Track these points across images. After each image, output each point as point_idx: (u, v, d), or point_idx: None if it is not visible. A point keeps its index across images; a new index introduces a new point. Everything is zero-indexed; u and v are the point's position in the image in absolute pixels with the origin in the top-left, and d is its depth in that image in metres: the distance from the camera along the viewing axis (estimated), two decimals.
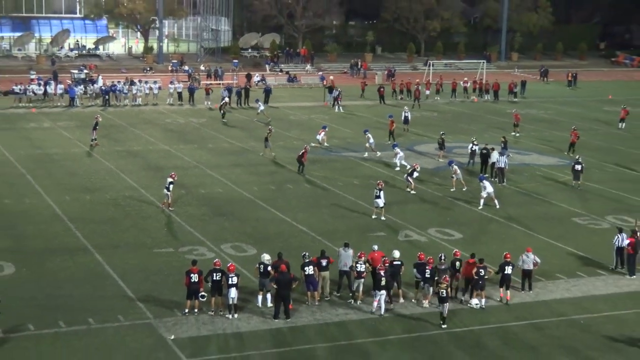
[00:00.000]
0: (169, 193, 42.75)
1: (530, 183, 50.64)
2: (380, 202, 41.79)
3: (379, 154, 55.96)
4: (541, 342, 29.03)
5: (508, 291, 32.38)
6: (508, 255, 32.76)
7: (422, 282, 31.82)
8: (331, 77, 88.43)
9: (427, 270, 31.50)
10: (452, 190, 47.45)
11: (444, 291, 30.09)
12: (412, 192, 46.99)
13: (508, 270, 32.24)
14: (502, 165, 49.79)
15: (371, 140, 56.36)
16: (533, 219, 43.16)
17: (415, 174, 47.24)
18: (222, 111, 69.35)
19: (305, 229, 40.43)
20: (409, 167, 50.21)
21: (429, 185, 49.03)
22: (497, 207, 44.24)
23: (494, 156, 50.66)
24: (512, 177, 51.11)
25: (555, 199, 47.33)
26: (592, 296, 33.30)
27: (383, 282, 30.55)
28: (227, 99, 71.84)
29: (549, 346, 28.71)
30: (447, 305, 30.16)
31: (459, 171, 47.98)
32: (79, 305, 30.84)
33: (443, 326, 29.93)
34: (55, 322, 29.22)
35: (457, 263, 32.33)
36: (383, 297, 30.69)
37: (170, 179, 42.78)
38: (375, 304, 30.75)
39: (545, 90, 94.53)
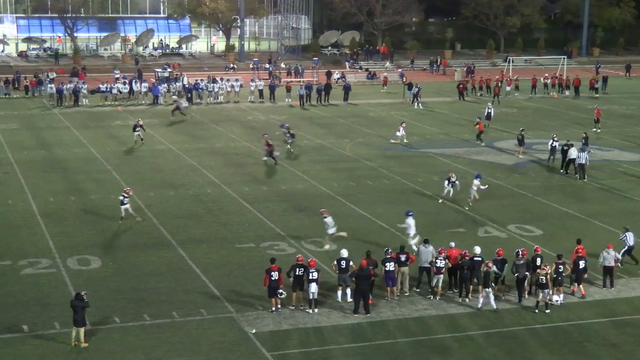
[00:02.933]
0: (124, 207, 40.23)
1: (611, 179, 49.83)
2: (332, 230, 36.98)
3: (277, 153, 53.39)
4: (623, 339, 28.55)
5: (581, 285, 32.02)
6: (580, 248, 32.61)
7: (501, 278, 31.72)
8: (384, 74, 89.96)
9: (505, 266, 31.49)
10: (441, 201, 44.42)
11: (544, 278, 30.18)
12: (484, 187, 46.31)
13: (581, 264, 31.89)
14: (583, 162, 49.10)
15: (288, 136, 55.30)
16: (614, 216, 42.41)
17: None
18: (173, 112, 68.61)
19: (384, 224, 40.36)
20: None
21: (508, 182, 48.59)
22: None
23: (572, 152, 50.00)
24: (593, 174, 50.36)
25: (637, 195, 46.50)
26: None
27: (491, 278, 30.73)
28: (180, 101, 70.28)
29: (631, 343, 28.23)
30: (547, 292, 30.28)
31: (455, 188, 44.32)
32: (163, 299, 31.28)
33: (547, 311, 30.22)
34: (140, 315, 29.71)
35: (538, 259, 31.97)
36: (491, 293, 30.64)
37: (124, 194, 40.66)
38: (481, 299, 30.66)
39: (628, 86, 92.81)
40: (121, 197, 40.25)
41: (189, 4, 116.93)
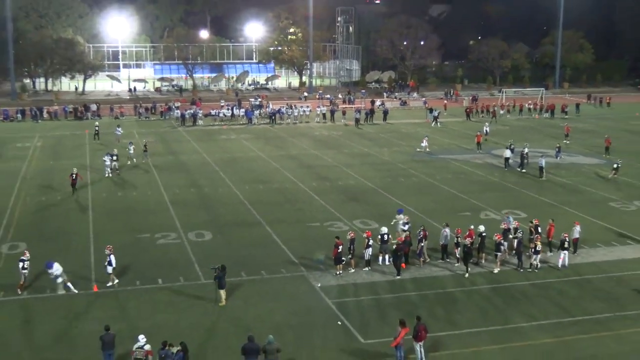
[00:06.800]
0: (24, 272, 27.82)
1: (577, 177, 48.91)
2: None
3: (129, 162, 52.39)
4: (581, 293, 28.10)
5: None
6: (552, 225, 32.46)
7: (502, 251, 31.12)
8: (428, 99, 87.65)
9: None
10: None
11: (540, 245, 30.53)
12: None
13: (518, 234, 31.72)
14: (542, 165, 48.68)
15: (131, 151, 53.04)
16: (580, 203, 41.69)
17: None
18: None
19: (413, 209, 40.04)
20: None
21: (502, 178, 47.98)
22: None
23: (506, 153, 50.86)
24: (563, 173, 49.57)
25: (595, 188, 45.62)
26: (622, 260, 32.08)
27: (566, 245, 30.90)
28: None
29: (589, 295, 27.74)
30: (539, 257, 30.44)
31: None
32: (255, 262, 31.47)
33: (536, 271, 30.27)
34: (239, 273, 29.94)
35: (519, 232, 32.06)
36: (566, 256, 30.75)
37: (23, 257, 28.05)
38: (560, 260, 30.74)
39: (589, 110, 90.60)
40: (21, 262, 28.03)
41: (273, 52, 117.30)
